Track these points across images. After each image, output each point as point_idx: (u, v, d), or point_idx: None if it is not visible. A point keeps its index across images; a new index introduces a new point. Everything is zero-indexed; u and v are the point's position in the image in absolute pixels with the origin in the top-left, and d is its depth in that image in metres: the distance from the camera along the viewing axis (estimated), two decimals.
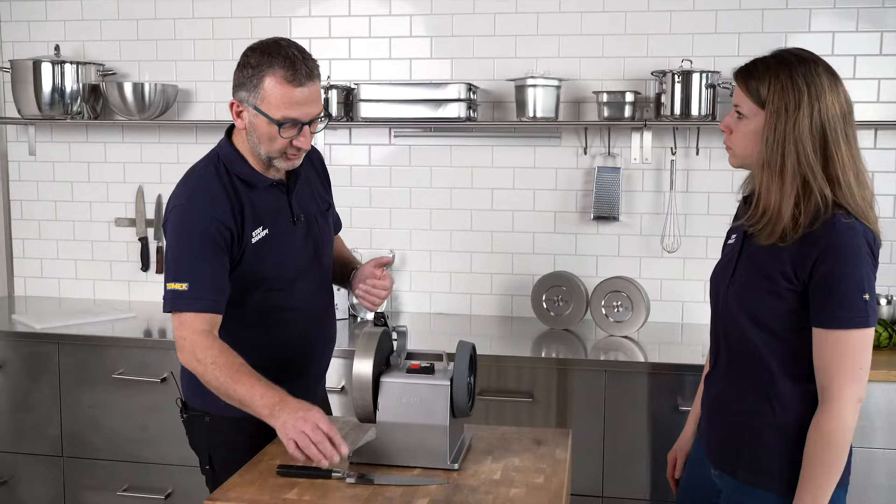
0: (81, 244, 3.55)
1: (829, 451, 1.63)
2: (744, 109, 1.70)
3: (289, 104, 1.82)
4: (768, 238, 1.68)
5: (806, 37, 3.01)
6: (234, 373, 1.78)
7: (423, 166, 3.30)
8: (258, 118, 1.85)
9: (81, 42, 3.44)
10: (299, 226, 2.02)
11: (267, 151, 1.89)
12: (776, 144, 1.64)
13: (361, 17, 3.28)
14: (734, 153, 1.77)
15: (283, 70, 1.82)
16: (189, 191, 1.92)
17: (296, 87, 1.82)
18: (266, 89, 1.82)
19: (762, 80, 1.66)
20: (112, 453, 2.95)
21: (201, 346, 1.82)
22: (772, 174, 1.65)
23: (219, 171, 1.94)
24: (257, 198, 1.95)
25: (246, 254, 1.92)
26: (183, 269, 1.85)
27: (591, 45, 3.15)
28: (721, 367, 1.85)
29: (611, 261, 3.21)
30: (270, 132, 1.85)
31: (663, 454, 2.66)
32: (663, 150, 3.15)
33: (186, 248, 1.87)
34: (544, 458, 1.81)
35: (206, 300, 1.85)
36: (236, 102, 1.89)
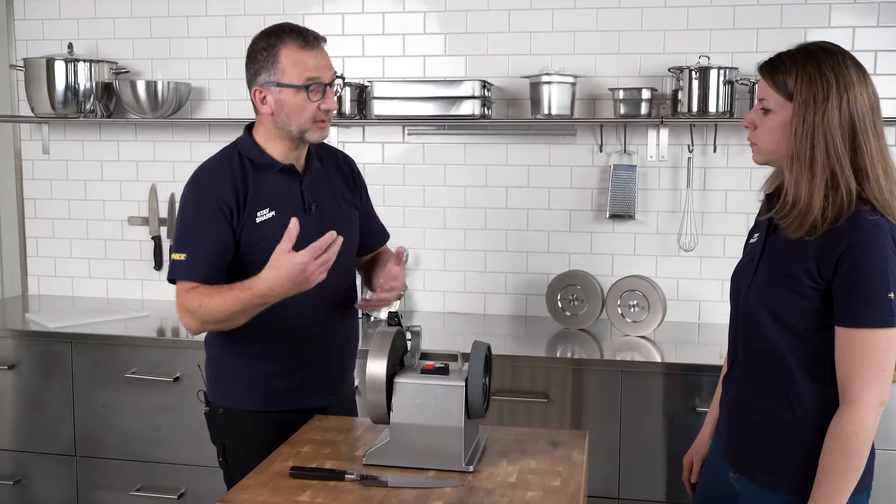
0: (95, 243, 3.55)
1: (848, 454, 1.59)
2: (770, 103, 1.67)
3: (308, 67, 1.94)
4: (797, 231, 1.64)
5: (826, 32, 2.96)
6: (217, 298, 1.89)
7: (437, 164, 3.27)
8: (283, 92, 1.94)
9: (95, 40, 3.44)
10: (311, 214, 2.04)
11: (299, 125, 1.97)
12: (805, 136, 1.61)
13: (375, 14, 3.25)
14: (759, 149, 1.73)
15: (294, 39, 1.95)
16: (197, 172, 2.04)
17: (310, 50, 1.95)
18: (283, 62, 1.94)
19: (789, 72, 1.63)
20: (125, 453, 2.94)
21: (189, 300, 1.93)
22: (801, 166, 1.62)
23: (231, 156, 2.03)
24: (266, 181, 2.01)
25: (247, 233, 1.97)
26: (182, 242, 1.98)
27: (607, 41, 3.11)
28: (739, 368, 1.81)
29: (627, 260, 3.18)
30: (297, 102, 1.95)
31: (680, 456, 2.61)
32: (680, 148, 3.11)
33: (188, 222, 1.99)
34: (561, 461, 1.78)
35: (201, 270, 1.94)
36: (258, 89, 1.98)
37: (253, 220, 1.98)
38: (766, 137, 1.70)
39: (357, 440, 1.89)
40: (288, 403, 2.05)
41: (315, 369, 2.08)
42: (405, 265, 3.25)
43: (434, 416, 1.71)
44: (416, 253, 3.31)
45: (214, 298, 1.90)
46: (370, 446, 1.78)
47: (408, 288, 2.21)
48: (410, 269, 3.31)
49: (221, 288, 1.92)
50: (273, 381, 2.05)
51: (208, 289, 1.93)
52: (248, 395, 2.05)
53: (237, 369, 2.07)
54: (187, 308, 1.93)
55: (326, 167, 2.15)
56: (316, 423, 2.00)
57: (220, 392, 2.10)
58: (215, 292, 1.91)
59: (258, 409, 2.05)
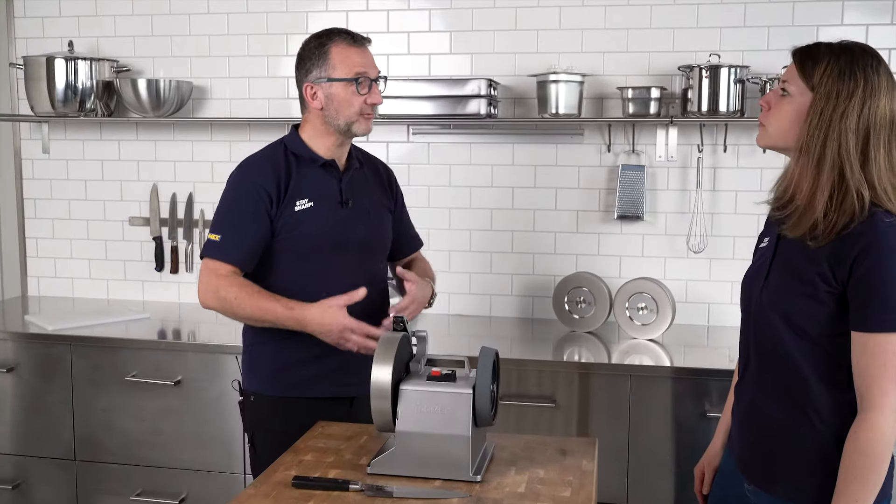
0: (95, 243, 3.50)
1: (867, 462, 1.54)
2: (791, 87, 1.62)
3: (357, 63, 2.08)
4: (794, 230, 1.59)
5: (838, 30, 2.91)
6: (257, 300, 2.01)
7: (442, 164, 3.22)
8: (333, 86, 2.07)
9: (95, 38, 3.39)
10: (348, 209, 2.14)
11: (346, 118, 2.09)
12: (819, 130, 1.56)
13: (379, 11, 3.20)
14: (766, 132, 1.68)
15: (344, 39, 2.09)
16: (244, 162, 2.16)
17: (358, 47, 2.10)
18: (334, 58, 2.07)
19: (820, 61, 1.58)
20: (125, 457, 2.90)
21: (224, 285, 2.03)
22: (808, 161, 1.57)
23: (276, 149, 2.16)
24: (308, 174, 2.12)
25: (285, 219, 2.07)
26: (220, 223, 2.09)
27: (615, 39, 3.06)
28: (751, 376, 1.76)
29: (634, 261, 3.13)
30: (347, 95, 2.07)
31: (690, 463, 2.57)
32: (689, 148, 3.05)
33: (227, 206, 2.10)
34: (570, 470, 1.73)
35: (233, 253, 2.05)
36: (309, 85, 2.10)
37: (292, 209, 2.08)
38: (776, 121, 1.65)
39: (361, 448, 1.84)
40: (315, 391, 2.11)
41: (343, 358, 2.09)
42: None
43: (441, 424, 1.66)
44: None
45: (254, 299, 2.01)
46: (375, 455, 1.73)
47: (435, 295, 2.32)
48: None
49: (263, 292, 2.03)
50: (301, 368, 2.11)
51: (248, 285, 2.03)
52: (277, 381, 2.13)
53: (267, 356, 2.14)
54: (219, 292, 2.02)
55: (366, 170, 2.26)
56: (319, 429, 1.95)
57: (251, 379, 2.18)
58: (256, 294, 2.02)
59: (286, 396, 2.11)
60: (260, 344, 2.15)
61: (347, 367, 2.11)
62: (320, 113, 2.10)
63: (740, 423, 1.78)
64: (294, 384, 2.12)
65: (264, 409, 2.15)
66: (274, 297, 2.02)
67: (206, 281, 2.06)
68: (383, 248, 2.28)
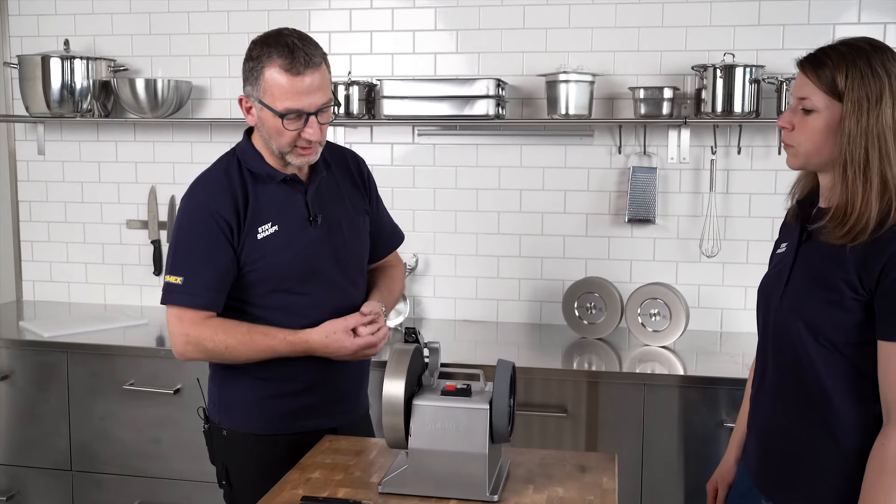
0: (92, 247, 3.42)
1: (890, 478, 1.46)
2: (814, 102, 1.54)
3: (289, 94, 1.77)
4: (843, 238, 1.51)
5: (855, 28, 2.83)
6: (250, 344, 1.84)
7: (448, 166, 3.14)
8: (263, 112, 1.81)
9: (92, 37, 3.31)
10: (317, 227, 1.92)
11: (278, 146, 1.84)
12: (859, 140, 1.48)
13: (384, 9, 3.12)
14: (797, 152, 1.60)
15: (281, 59, 1.77)
16: (194, 185, 1.91)
17: (294, 76, 1.77)
18: (267, 81, 1.78)
19: (838, 68, 1.50)
20: (122, 467, 2.82)
21: (207, 336, 1.84)
22: (856, 173, 1.49)
23: (229, 166, 1.91)
24: (268, 193, 1.89)
25: (248, 249, 1.86)
26: (179, 263, 1.86)
27: (626, 38, 2.98)
28: (770, 387, 1.68)
29: (646, 266, 3.05)
30: (276, 125, 1.80)
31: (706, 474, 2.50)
32: (701, 149, 2.98)
33: (184, 240, 1.87)
34: (591, 488, 1.65)
35: (201, 297, 1.84)
36: (244, 98, 1.86)
37: (254, 237, 1.87)
38: (807, 140, 1.57)
39: (371, 465, 1.76)
40: (299, 425, 1.94)
41: (328, 387, 1.97)
42: (414, 271, 3.14)
43: (456, 441, 1.58)
44: (426, 258, 3.18)
45: (246, 344, 1.84)
46: (386, 472, 1.66)
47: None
48: (420, 275, 3.18)
49: (251, 331, 1.85)
50: (284, 402, 1.94)
51: (230, 326, 1.85)
52: (257, 418, 1.94)
53: (245, 390, 1.95)
54: (202, 344, 1.84)
55: (334, 172, 2.02)
56: (326, 444, 1.87)
57: (225, 413, 1.98)
58: (245, 336, 1.84)
59: (268, 433, 1.93)
60: (237, 376, 1.94)
61: (330, 399, 1.97)
62: (256, 130, 1.89)
63: (758, 437, 1.71)
64: (272, 419, 1.93)
65: (239, 446, 1.95)
66: (268, 334, 1.84)
67: (179, 332, 1.85)
68: (361, 265, 2.05)
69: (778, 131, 2.89)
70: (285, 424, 1.94)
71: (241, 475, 1.96)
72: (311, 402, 1.95)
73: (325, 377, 1.96)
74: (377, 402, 2.59)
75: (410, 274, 3.14)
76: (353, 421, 2.05)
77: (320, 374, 1.95)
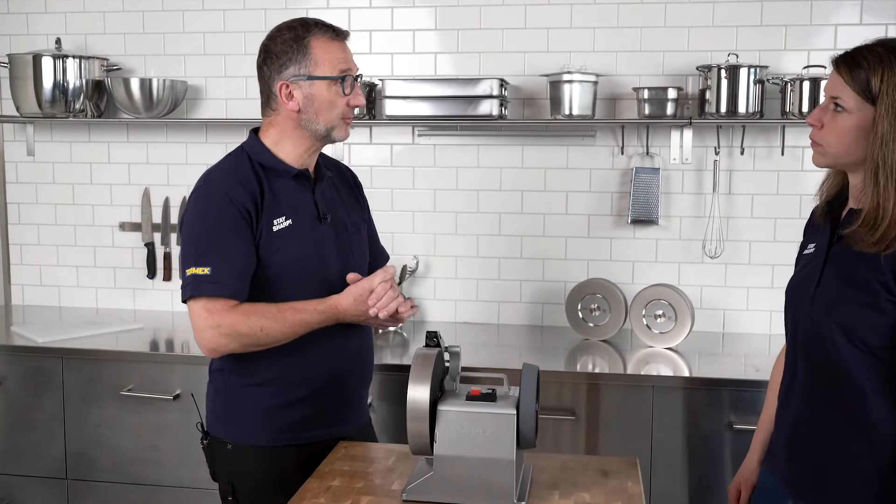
0: (83, 250, 3.35)
1: None
2: (846, 102, 1.52)
3: (342, 58, 1.87)
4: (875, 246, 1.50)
5: (857, 29, 2.84)
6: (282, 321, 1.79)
7: (449, 167, 3.11)
8: (315, 86, 1.84)
9: (83, 35, 3.24)
10: (326, 224, 1.92)
11: (327, 122, 1.86)
12: (893, 144, 1.47)
13: (383, 8, 3.09)
14: (825, 151, 1.58)
15: (324, 30, 1.86)
16: (207, 177, 1.88)
17: (342, 41, 1.90)
18: (316, 53, 1.84)
19: (873, 70, 1.49)
20: (119, 475, 2.75)
21: (239, 321, 1.77)
22: (888, 178, 1.48)
23: (240, 160, 1.89)
24: (280, 187, 1.88)
25: (265, 241, 1.83)
26: (204, 253, 1.79)
27: (629, 38, 2.96)
28: (800, 389, 1.66)
29: (648, 267, 3.03)
30: (330, 96, 1.85)
31: (712, 476, 2.50)
32: (704, 150, 2.97)
33: (205, 230, 1.81)
34: (616, 493, 1.63)
35: (231, 285, 1.78)
36: (285, 83, 1.85)
37: (270, 229, 1.84)
38: (836, 139, 1.56)
39: (390, 471, 1.72)
40: (308, 436, 1.89)
41: (334, 392, 1.93)
42: (414, 273, 3.10)
43: (482, 447, 1.55)
44: (426, 260, 3.15)
45: (279, 321, 1.78)
46: (409, 480, 1.62)
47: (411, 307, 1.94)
48: (420, 277, 3.15)
49: (281, 308, 1.79)
50: (292, 411, 1.89)
51: (259, 308, 1.79)
52: (266, 430, 1.88)
53: (250, 401, 1.89)
54: (237, 330, 1.77)
55: (335, 179, 2.03)
56: (342, 451, 1.83)
57: (230, 426, 1.91)
58: (276, 314, 1.79)
59: (274, 445, 1.88)
60: (242, 387, 1.89)
61: (336, 408, 1.93)
62: (296, 116, 1.86)
63: (788, 440, 1.69)
64: (280, 430, 1.88)
65: (247, 460, 1.89)
66: (296, 308, 1.80)
67: (210, 325, 1.77)
68: (363, 268, 2.03)
69: (781, 132, 2.89)
70: (295, 435, 1.89)
71: (249, 491, 1.90)
72: (319, 410, 1.91)
73: (328, 384, 1.92)
74: (381, 407, 2.58)
75: (411, 276, 3.10)
76: (358, 430, 2.01)
77: (323, 381, 1.91)
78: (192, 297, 1.79)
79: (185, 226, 1.85)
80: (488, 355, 2.83)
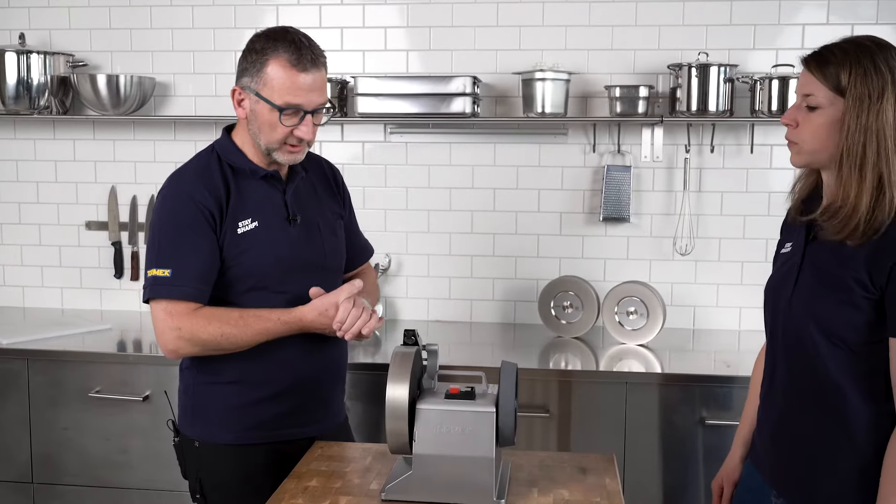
0: (48, 249, 3.28)
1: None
2: (819, 99, 1.54)
3: (291, 90, 1.77)
4: (838, 234, 1.52)
5: (824, 29, 2.88)
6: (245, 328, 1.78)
7: (421, 165, 3.10)
8: (259, 105, 1.79)
9: (48, 31, 3.18)
10: (296, 226, 1.89)
11: (267, 142, 1.82)
12: (858, 135, 1.49)
13: (355, 5, 3.07)
14: (801, 149, 1.60)
15: (288, 54, 1.77)
16: (172, 177, 1.87)
17: (299, 72, 1.77)
18: (269, 74, 1.77)
19: (842, 65, 1.51)
20: (88, 479, 2.70)
21: (200, 327, 1.77)
22: (851, 167, 1.50)
23: (209, 160, 1.88)
24: (248, 188, 1.86)
25: (229, 243, 1.82)
26: (165, 255, 1.79)
27: (600, 36, 2.98)
28: (781, 386, 1.68)
29: (620, 264, 3.05)
30: (271, 120, 1.79)
31: (686, 471, 2.52)
32: (674, 148, 2.99)
33: (168, 232, 1.80)
34: (595, 490, 1.63)
35: (190, 287, 1.78)
36: (238, 89, 1.83)
37: (234, 231, 1.82)
38: (811, 136, 1.57)
39: (368, 471, 1.71)
40: (275, 434, 1.88)
41: (304, 392, 1.91)
42: (386, 272, 3.09)
43: (461, 445, 1.54)
44: (398, 258, 3.14)
45: (240, 328, 1.77)
46: (388, 479, 1.61)
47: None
48: (392, 276, 3.14)
49: (244, 315, 1.78)
50: (259, 410, 1.87)
51: (220, 313, 1.78)
52: (232, 428, 1.87)
53: (218, 399, 1.88)
54: (196, 335, 1.77)
55: (311, 176, 2.00)
56: (318, 451, 1.82)
57: (198, 425, 1.90)
58: (238, 321, 1.78)
59: (242, 443, 1.86)
60: (210, 385, 1.88)
61: (309, 406, 1.91)
62: (244, 125, 1.86)
63: (772, 436, 1.70)
64: (248, 429, 1.86)
65: (214, 457, 1.88)
66: (260, 316, 1.79)
67: (170, 327, 1.76)
68: (338, 267, 2.02)
69: (750, 130, 2.93)
70: (262, 434, 1.87)
71: (216, 488, 1.89)
72: (288, 409, 1.89)
73: (299, 383, 1.90)
74: (357, 408, 2.56)
75: (383, 274, 3.09)
76: (332, 429, 1.99)
77: (294, 379, 1.89)
78: (152, 299, 1.79)
79: (150, 227, 1.86)
80: (461, 354, 2.82)
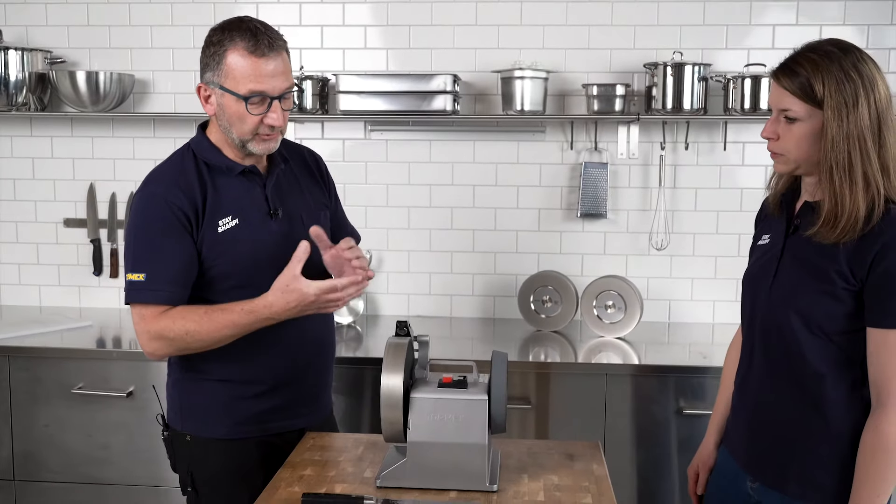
0: (26, 247, 3.27)
1: (885, 457, 1.53)
2: (796, 112, 1.58)
3: (253, 77, 1.75)
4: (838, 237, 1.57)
5: (794, 29, 2.96)
6: (209, 323, 1.75)
7: (401, 162, 3.13)
8: (225, 98, 1.77)
9: (24, 27, 3.16)
10: (277, 221, 1.88)
11: (239, 134, 1.80)
12: (842, 144, 1.54)
13: (334, 3, 3.09)
14: (786, 159, 1.64)
15: (244, 42, 1.75)
16: (147, 179, 1.85)
17: (258, 58, 1.75)
18: (229, 64, 1.75)
19: (813, 76, 1.55)
20: (71, 475, 2.71)
21: (166, 326, 1.76)
22: (842, 175, 1.55)
23: (185, 159, 1.86)
24: (226, 185, 1.85)
25: (209, 243, 1.81)
26: (140, 259, 1.79)
27: (577, 35, 3.03)
28: (758, 375, 1.73)
29: (597, 259, 3.11)
30: (239, 111, 1.77)
31: (663, 459, 2.59)
32: (650, 145, 3.06)
33: (142, 236, 1.80)
34: (583, 475, 1.68)
35: (164, 291, 1.78)
36: (203, 86, 1.82)
37: (214, 230, 1.81)
38: (795, 146, 1.61)
39: (360, 460, 1.75)
40: (266, 428, 1.90)
41: (293, 388, 1.92)
42: None
43: (455, 432, 1.59)
44: (379, 254, 3.17)
45: (204, 324, 1.75)
46: (382, 467, 1.64)
47: None
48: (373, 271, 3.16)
49: (209, 310, 1.76)
50: (250, 405, 1.88)
51: (187, 311, 1.77)
52: (223, 423, 1.88)
53: (208, 394, 1.88)
54: (164, 335, 1.77)
55: (292, 167, 1.99)
56: (311, 441, 1.85)
57: (188, 419, 1.91)
58: (202, 316, 1.76)
59: (234, 437, 1.88)
60: (198, 380, 1.88)
61: (298, 400, 1.93)
62: (216, 121, 1.84)
63: (749, 423, 1.75)
64: (239, 423, 1.87)
65: (205, 451, 1.89)
66: (224, 308, 1.76)
67: (143, 330, 1.78)
68: None
69: (724, 128, 3.00)
70: (253, 428, 1.89)
71: (208, 481, 1.91)
72: (278, 404, 1.91)
73: (289, 377, 1.92)
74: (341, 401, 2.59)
75: None
76: (320, 421, 2.02)
77: (284, 375, 1.91)
78: (129, 303, 1.80)
79: (126, 229, 1.86)
80: (442, 348, 2.86)
